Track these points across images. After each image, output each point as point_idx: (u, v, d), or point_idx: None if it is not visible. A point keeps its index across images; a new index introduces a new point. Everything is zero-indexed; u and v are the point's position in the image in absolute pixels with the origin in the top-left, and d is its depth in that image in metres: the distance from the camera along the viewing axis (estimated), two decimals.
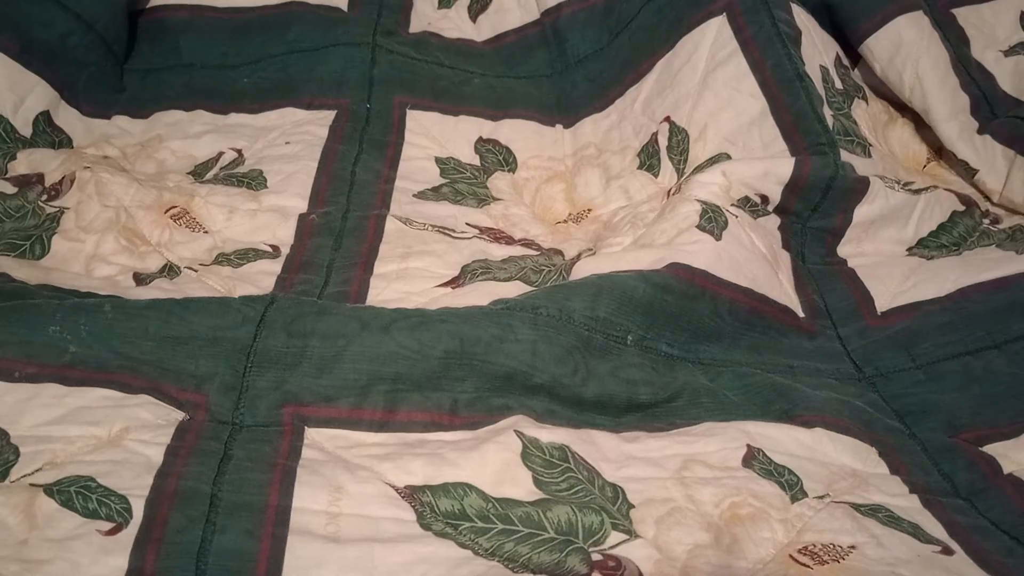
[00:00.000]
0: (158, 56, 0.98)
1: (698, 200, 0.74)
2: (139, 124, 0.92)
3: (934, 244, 0.80)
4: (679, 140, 0.86)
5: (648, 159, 0.87)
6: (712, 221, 0.73)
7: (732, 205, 0.75)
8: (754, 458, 0.58)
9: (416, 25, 1.03)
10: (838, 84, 0.90)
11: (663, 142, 0.86)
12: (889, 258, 0.79)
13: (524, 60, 1.01)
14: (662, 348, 0.67)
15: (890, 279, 0.77)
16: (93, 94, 0.92)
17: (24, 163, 0.81)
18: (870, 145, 0.88)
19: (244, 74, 0.96)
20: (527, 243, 0.80)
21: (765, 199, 0.78)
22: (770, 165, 0.78)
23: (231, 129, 0.91)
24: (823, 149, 0.78)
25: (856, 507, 0.56)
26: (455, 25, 1.04)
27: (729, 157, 0.81)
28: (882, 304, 0.75)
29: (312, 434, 0.56)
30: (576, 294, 0.65)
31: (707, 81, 0.85)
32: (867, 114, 0.93)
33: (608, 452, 0.58)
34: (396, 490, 0.52)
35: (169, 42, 0.99)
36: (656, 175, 0.86)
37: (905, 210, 0.80)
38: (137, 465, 0.51)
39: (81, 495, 0.49)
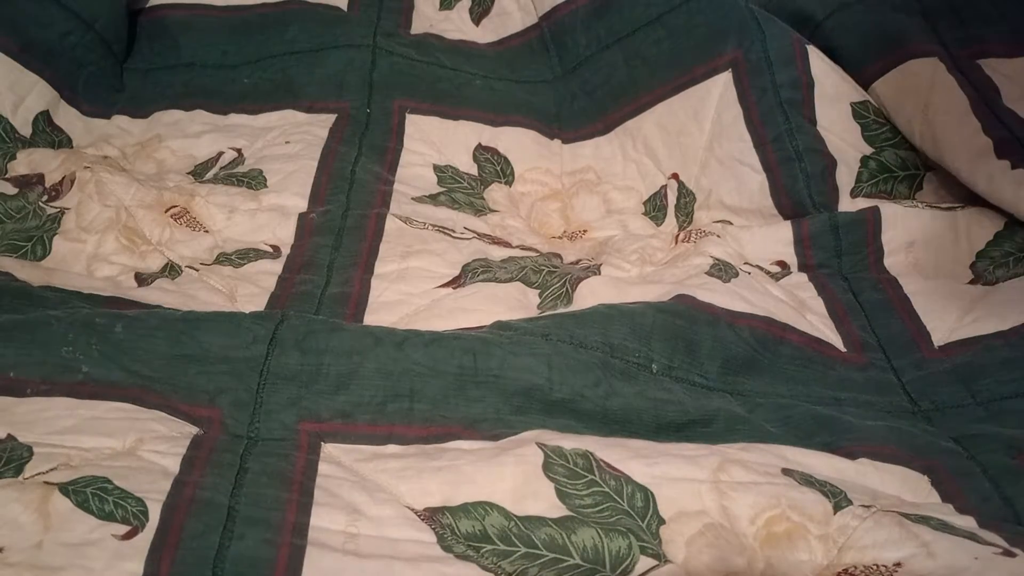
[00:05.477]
0: (158, 56, 0.98)
1: (711, 256, 0.75)
2: (139, 124, 0.92)
3: (998, 254, 0.76)
4: (686, 201, 0.86)
5: (655, 211, 0.87)
6: (722, 271, 0.73)
7: (745, 263, 0.76)
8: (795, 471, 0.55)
9: (418, 26, 1.02)
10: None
11: (672, 199, 0.87)
12: (947, 283, 0.75)
13: (526, 65, 1.00)
14: (695, 379, 0.65)
15: (947, 313, 0.72)
16: (93, 94, 0.92)
17: (24, 163, 0.81)
18: (923, 174, 0.84)
19: (244, 74, 0.96)
20: (525, 249, 0.81)
21: (784, 264, 0.79)
22: (771, 232, 0.80)
23: (231, 129, 0.91)
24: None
25: (905, 515, 0.51)
26: (456, 27, 1.04)
27: (731, 223, 0.83)
28: (939, 338, 0.70)
29: (329, 449, 0.55)
30: (585, 324, 0.64)
31: (712, 147, 0.85)
32: None
33: (640, 449, 0.55)
34: (415, 512, 0.51)
35: (169, 42, 0.99)
36: (659, 225, 0.86)
37: (941, 223, 0.78)
38: (154, 472, 0.51)
39: (97, 496, 0.48)
